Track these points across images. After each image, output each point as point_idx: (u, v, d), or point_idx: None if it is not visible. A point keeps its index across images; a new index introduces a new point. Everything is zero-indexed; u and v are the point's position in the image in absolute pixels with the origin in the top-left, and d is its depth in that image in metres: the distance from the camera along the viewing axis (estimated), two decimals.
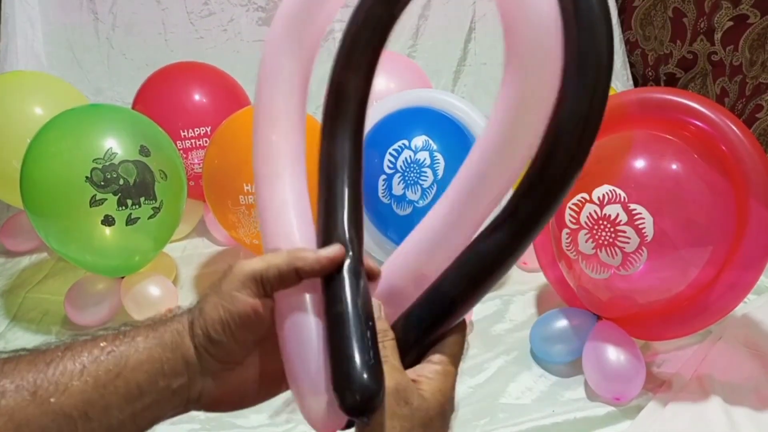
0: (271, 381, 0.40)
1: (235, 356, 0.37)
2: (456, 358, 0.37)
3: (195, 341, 0.36)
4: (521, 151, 0.33)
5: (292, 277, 0.36)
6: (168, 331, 0.36)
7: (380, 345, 0.35)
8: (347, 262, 0.37)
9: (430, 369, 0.36)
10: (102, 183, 1.00)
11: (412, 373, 0.36)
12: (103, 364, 0.34)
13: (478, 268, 0.34)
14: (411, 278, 0.38)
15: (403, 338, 0.37)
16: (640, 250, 0.86)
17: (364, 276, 0.38)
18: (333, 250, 0.37)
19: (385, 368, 0.34)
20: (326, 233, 0.39)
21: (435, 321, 0.36)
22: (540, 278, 1.17)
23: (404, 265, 0.39)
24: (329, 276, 0.37)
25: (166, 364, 0.35)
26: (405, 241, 0.39)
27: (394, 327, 0.37)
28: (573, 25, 0.31)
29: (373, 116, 1.21)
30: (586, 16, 0.31)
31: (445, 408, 0.35)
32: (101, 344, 0.35)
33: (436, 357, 0.36)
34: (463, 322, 0.38)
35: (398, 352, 0.36)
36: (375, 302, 0.37)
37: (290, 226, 0.39)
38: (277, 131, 0.42)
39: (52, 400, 0.32)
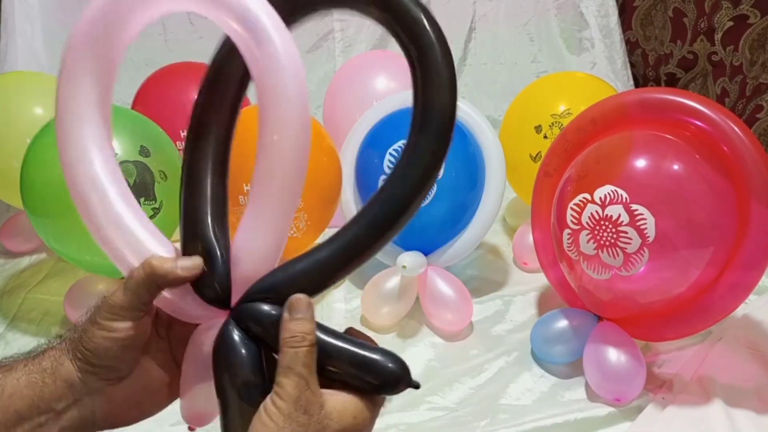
0: (162, 385, 0.41)
1: (120, 372, 0.39)
2: (377, 407, 0.38)
3: (76, 364, 0.38)
4: None
5: (156, 292, 0.38)
6: (46, 358, 0.39)
7: (290, 350, 0.35)
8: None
9: (351, 393, 0.36)
10: None
11: (339, 387, 0.36)
12: None
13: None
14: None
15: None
16: (641, 251, 0.85)
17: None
18: (193, 263, 0.39)
19: (290, 378, 0.34)
20: (191, 233, 0.40)
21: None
22: (541, 279, 1.17)
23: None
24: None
25: (46, 388, 0.37)
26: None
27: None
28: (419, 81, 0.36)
29: (373, 116, 1.21)
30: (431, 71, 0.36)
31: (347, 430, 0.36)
32: None
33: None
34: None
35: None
36: (303, 299, 0.37)
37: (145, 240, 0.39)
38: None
39: None
